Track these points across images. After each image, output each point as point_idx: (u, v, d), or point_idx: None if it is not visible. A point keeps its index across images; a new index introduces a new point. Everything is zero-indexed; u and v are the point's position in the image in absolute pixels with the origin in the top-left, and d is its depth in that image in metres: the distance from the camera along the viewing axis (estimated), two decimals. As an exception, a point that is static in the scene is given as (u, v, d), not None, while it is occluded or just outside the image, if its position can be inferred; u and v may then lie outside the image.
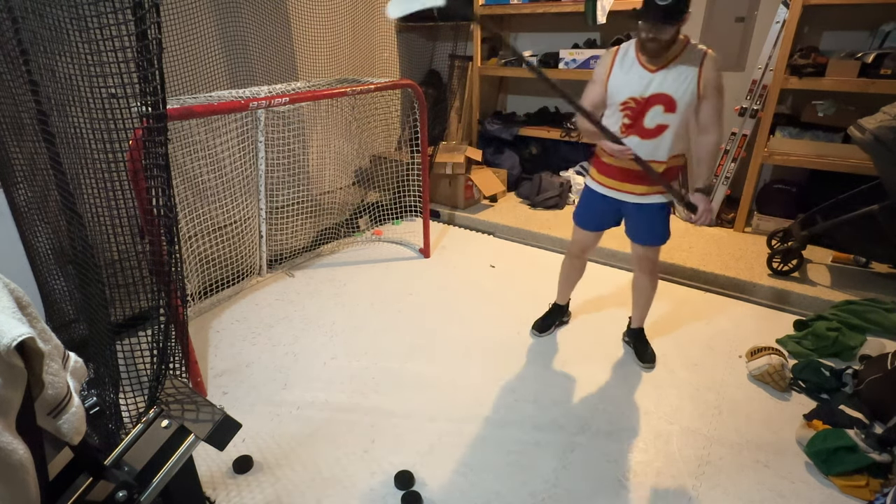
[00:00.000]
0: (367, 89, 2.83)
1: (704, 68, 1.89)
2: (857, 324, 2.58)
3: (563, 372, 2.43)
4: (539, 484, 1.84)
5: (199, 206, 2.85)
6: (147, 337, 1.57)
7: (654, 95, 1.95)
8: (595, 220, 2.34)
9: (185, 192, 2.82)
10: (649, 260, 2.32)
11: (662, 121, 1.98)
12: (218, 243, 2.95)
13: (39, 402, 0.83)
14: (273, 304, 3.01)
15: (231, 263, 3.08)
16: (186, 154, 2.76)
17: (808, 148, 3.36)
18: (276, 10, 3.44)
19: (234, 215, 2.99)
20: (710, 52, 1.92)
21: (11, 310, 0.79)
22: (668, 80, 1.92)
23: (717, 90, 1.93)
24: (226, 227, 2.97)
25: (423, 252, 3.63)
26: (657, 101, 1.96)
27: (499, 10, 4.33)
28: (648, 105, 1.97)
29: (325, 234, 3.69)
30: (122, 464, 1.09)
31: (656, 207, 2.17)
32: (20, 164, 2.03)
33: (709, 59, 1.90)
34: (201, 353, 2.56)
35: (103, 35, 1.17)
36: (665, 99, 1.94)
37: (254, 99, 2.30)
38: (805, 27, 3.50)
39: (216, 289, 3.04)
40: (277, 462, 1.93)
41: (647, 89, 1.96)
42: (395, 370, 2.45)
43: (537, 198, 4.30)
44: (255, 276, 3.29)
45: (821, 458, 1.85)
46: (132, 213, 1.48)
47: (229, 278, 3.10)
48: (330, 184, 3.83)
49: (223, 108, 2.16)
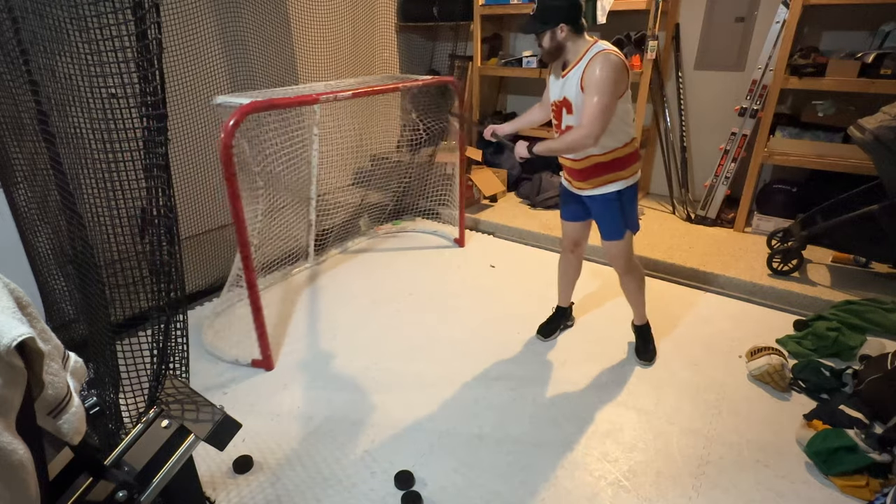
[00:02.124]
0: (415, 85, 3.16)
1: (588, 67, 1.93)
2: (857, 324, 2.58)
3: (563, 372, 2.43)
4: (539, 484, 1.84)
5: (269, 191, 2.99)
6: (147, 337, 1.57)
7: (561, 100, 2.09)
8: (568, 211, 2.41)
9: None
10: (615, 256, 2.32)
11: (569, 122, 2.09)
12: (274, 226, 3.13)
13: (39, 402, 0.83)
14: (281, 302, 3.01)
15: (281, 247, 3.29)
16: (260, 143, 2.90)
17: (808, 148, 3.36)
18: (276, 10, 3.44)
19: (290, 200, 3.19)
20: (602, 53, 1.92)
21: (11, 310, 0.79)
22: (567, 83, 2.03)
23: (595, 87, 1.90)
24: (282, 209, 3.14)
25: (457, 242, 3.83)
26: (563, 105, 2.09)
27: (499, 10, 4.33)
28: (560, 108, 2.12)
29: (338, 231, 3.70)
30: (122, 464, 1.09)
31: (600, 200, 2.20)
32: (20, 164, 2.03)
33: (596, 59, 1.91)
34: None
35: (103, 35, 1.17)
36: (566, 102, 2.07)
37: (324, 93, 2.51)
38: (805, 27, 3.50)
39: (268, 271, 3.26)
40: (277, 462, 1.93)
41: (558, 94, 2.10)
42: (396, 370, 2.45)
43: (537, 198, 4.30)
44: (301, 261, 3.51)
45: (821, 458, 1.85)
46: (132, 213, 1.47)
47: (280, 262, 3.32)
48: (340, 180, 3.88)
49: (298, 102, 2.40)
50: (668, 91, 4.13)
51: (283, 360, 2.52)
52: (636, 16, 3.80)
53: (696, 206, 4.00)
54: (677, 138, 4.14)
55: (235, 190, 2.13)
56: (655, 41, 3.65)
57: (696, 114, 4.12)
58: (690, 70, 4.06)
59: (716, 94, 4.00)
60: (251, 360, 2.48)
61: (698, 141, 4.17)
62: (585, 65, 1.94)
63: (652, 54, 3.66)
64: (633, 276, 2.38)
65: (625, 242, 2.26)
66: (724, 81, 3.96)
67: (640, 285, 2.42)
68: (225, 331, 2.74)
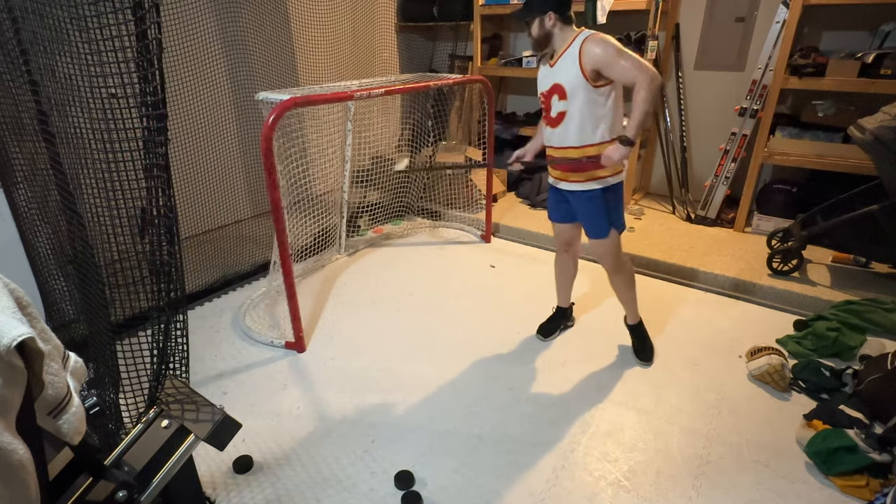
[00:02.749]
0: (445, 83, 3.27)
1: (583, 50, 1.98)
2: (857, 324, 2.58)
3: (563, 372, 2.43)
4: (539, 484, 1.84)
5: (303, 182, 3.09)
6: (147, 337, 1.57)
7: (550, 88, 2.13)
8: (554, 211, 2.42)
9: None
10: (602, 255, 2.32)
11: (561, 108, 2.12)
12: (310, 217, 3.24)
13: (39, 402, 0.83)
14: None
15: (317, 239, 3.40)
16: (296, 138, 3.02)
17: (808, 148, 3.36)
18: (276, 10, 3.44)
19: (322, 190, 3.29)
20: (591, 36, 1.99)
21: (11, 310, 0.79)
22: (559, 70, 2.08)
23: (613, 56, 1.95)
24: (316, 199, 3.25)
25: (483, 238, 3.92)
26: (554, 92, 2.12)
27: (499, 10, 4.32)
28: (550, 96, 2.14)
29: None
30: (122, 464, 1.10)
31: (584, 196, 2.21)
32: (20, 164, 2.03)
33: (588, 41, 1.98)
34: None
35: (103, 35, 1.17)
36: (558, 88, 2.10)
37: (358, 90, 2.63)
38: (805, 27, 3.50)
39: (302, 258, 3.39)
40: (277, 462, 1.93)
41: (548, 84, 2.14)
42: (396, 370, 2.45)
43: (537, 198, 4.30)
44: (335, 252, 3.66)
45: (821, 458, 1.85)
46: (132, 213, 1.47)
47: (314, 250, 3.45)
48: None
49: (334, 98, 2.52)
50: (668, 91, 4.13)
51: (284, 360, 2.52)
52: (636, 16, 3.80)
53: (696, 206, 4.00)
54: (677, 138, 4.14)
55: (275, 180, 2.26)
56: (655, 41, 3.64)
57: (696, 114, 4.12)
58: (690, 70, 4.05)
59: (716, 94, 4.00)
60: (284, 341, 2.63)
61: (698, 141, 4.17)
62: (579, 49, 1.99)
63: (652, 54, 3.66)
64: (622, 274, 2.38)
65: (611, 241, 2.25)
66: (724, 81, 3.96)
67: (629, 283, 2.42)
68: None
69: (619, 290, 2.45)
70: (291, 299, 2.50)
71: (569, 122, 2.11)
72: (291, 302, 2.50)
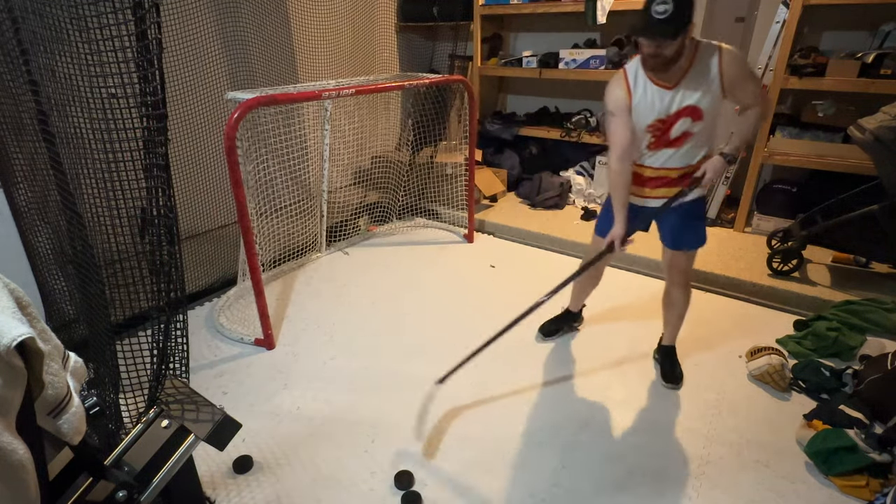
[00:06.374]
0: (421, 83, 3.20)
1: (724, 67, 1.79)
2: (857, 324, 2.58)
3: (564, 372, 2.43)
4: (539, 484, 1.84)
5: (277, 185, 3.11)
6: (147, 337, 1.58)
7: (679, 111, 1.87)
8: (630, 229, 2.16)
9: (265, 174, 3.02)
10: (685, 270, 2.19)
11: (688, 129, 1.91)
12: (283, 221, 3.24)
13: (39, 402, 0.83)
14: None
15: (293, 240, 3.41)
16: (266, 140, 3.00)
17: (808, 148, 3.36)
18: (276, 10, 3.44)
19: (299, 195, 3.28)
20: (723, 47, 1.80)
21: (11, 310, 0.79)
22: (690, 91, 1.83)
23: (747, 77, 1.83)
24: (289, 206, 3.24)
25: (466, 237, 3.91)
26: (683, 114, 1.88)
27: (499, 10, 4.33)
28: (676, 120, 1.89)
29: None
30: (122, 464, 1.10)
31: (694, 205, 2.07)
32: (20, 164, 2.03)
33: (726, 56, 1.79)
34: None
35: (103, 35, 1.17)
36: (691, 111, 1.86)
37: (326, 90, 2.61)
38: (805, 27, 3.50)
39: (280, 262, 3.40)
40: (277, 462, 1.93)
41: (670, 108, 1.87)
42: (395, 370, 2.45)
43: (537, 198, 4.30)
44: (315, 252, 3.65)
45: (821, 458, 1.85)
46: (132, 213, 1.48)
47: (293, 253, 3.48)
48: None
49: (301, 97, 2.51)
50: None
51: (283, 360, 2.52)
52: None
53: (696, 206, 3.99)
54: (677, 138, 4.14)
55: (238, 178, 2.29)
56: (655, 41, 3.64)
57: (696, 114, 4.12)
58: (690, 70, 4.05)
59: (716, 94, 4.00)
60: (254, 338, 2.65)
61: (698, 141, 4.17)
62: (719, 67, 1.79)
63: (652, 54, 3.65)
64: (687, 292, 2.26)
65: (695, 253, 2.17)
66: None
67: (688, 302, 2.30)
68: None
69: (676, 305, 2.30)
70: (259, 296, 2.53)
71: (694, 141, 1.93)
72: (259, 299, 2.54)
